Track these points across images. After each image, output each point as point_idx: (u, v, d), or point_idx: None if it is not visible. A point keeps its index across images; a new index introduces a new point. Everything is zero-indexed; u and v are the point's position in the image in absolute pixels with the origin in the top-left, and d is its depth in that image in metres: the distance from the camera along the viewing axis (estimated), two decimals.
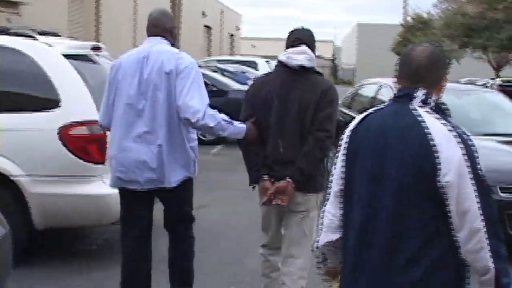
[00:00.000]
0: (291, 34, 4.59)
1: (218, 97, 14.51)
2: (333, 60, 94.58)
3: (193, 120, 4.34)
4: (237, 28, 69.95)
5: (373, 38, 69.31)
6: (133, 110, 4.47)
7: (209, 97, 4.52)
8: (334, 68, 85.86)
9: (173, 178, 4.54)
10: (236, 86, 16.59)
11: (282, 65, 4.49)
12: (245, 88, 17.98)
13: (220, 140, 14.80)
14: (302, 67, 4.42)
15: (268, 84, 4.49)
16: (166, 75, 4.41)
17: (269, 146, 4.43)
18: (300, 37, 4.52)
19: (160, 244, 5.42)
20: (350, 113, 9.29)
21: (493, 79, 38.22)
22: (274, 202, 4.37)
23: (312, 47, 4.53)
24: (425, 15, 52.52)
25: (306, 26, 4.73)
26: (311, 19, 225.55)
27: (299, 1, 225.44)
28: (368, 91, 9.91)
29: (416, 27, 52.10)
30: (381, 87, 8.97)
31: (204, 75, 5.50)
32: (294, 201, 4.41)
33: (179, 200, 4.75)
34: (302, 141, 4.36)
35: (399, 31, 50.29)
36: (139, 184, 4.52)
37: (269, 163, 4.42)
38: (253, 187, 4.62)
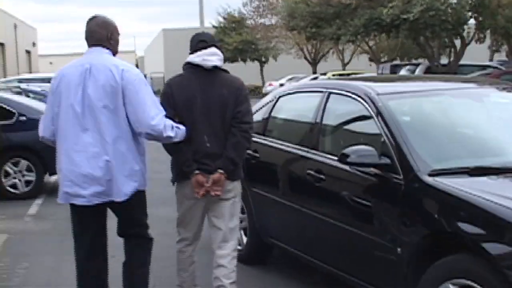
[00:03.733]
0: (194, 38, 5.04)
1: (28, 130, 10.50)
2: None
3: (156, 134, 4.52)
4: (34, 44, 68.22)
5: (180, 43, 67.12)
6: (78, 124, 4.48)
7: (16, 131, 5.18)
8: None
9: (124, 191, 4.56)
10: None
11: (195, 67, 4.90)
12: None
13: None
14: (215, 67, 4.89)
15: (188, 85, 4.89)
16: (112, 88, 4.45)
17: (196, 142, 4.84)
18: (205, 39, 4.97)
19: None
20: (275, 144, 6.34)
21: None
22: (212, 193, 4.83)
23: (218, 47, 5.01)
24: (236, 15, 51.85)
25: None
26: None
27: (93, 13, 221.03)
28: (300, 105, 6.34)
29: (230, 28, 51.37)
30: (330, 94, 5.48)
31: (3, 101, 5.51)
32: (224, 189, 4.90)
33: (132, 211, 4.79)
34: (225, 134, 4.86)
35: (212, 33, 47.34)
36: (85, 199, 4.55)
37: (198, 158, 4.82)
38: (173, 183, 5.10)
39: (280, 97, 6.52)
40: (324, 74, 38.50)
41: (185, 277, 5.18)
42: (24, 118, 10.87)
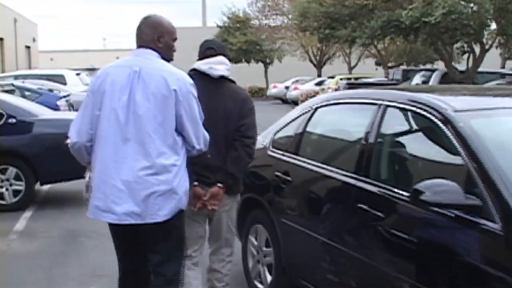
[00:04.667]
0: (204, 44, 4.90)
1: (18, 134, 9.71)
2: None
3: (204, 149, 4.28)
4: (34, 40, 66.69)
5: (184, 42, 67.33)
6: (120, 132, 4.02)
7: (4, 134, 4.64)
8: None
9: (162, 211, 4.04)
10: (45, 113, 10.88)
11: (201, 74, 4.71)
12: (59, 114, 11.97)
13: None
14: (222, 77, 4.75)
15: None
16: (164, 98, 4.01)
17: None
18: (213, 47, 4.83)
19: None
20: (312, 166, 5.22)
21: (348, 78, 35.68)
22: (209, 207, 4.68)
23: (227, 56, 4.89)
24: (241, 15, 51.05)
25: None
26: (111, 28, 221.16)
27: (96, 9, 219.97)
28: (346, 119, 5.25)
29: (234, 27, 50.51)
30: (387, 108, 4.35)
31: None
32: (221, 203, 4.76)
33: (167, 236, 4.17)
34: (227, 147, 4.70)
35: (215, 33, 47.29)
36: (116, 217, 4.03)
37: (197, 169, 4.52)
38: None
39: (317, 108, 5.37)
40: (332, 77, 37.45)
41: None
42: (13, 120, 9.73)
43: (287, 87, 41.66)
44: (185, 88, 4.04)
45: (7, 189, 9.58)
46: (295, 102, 33.53)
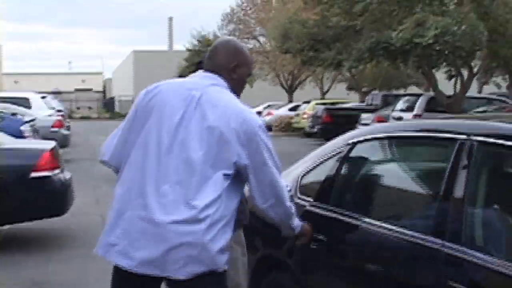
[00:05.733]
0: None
1: None
2: (104, 92, 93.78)
3: (261, 207, 3.46)
4: None
5: (151, 65, 68.42)
6: (157, 161, 3.37)
7: None
8: (109, 101, 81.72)
9: (189, 269, 3.26)
10: (6, 141, 9.38)
11: None
12: (23, 143, 10.47)
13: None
14: None
15: None
16: (222, 136, 3.33)
17: None
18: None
19: None
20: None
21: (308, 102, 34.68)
22: None
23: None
24: (211, 38, 50.29)
25: None
26: (76, 52, 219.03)
27: (62, 33, 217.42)
28: (408, 159, 4.02)
29: (204, 51, 49.61)
30: (474, 144, 3.09)
31: None
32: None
33: None
34: None
35: (184, 56, 46.96)
36: (133, 263, 3.30)
37: None
38: None
39: (355, 144, 4.15)
40: (308, 102, 36.42)
41: None
42: None
43: (259, 113, 40.60)
44: (253, 129, 3.36)
45: None
46: (269, 128, 32.50)
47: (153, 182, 3.36)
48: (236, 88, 3.59)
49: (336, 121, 26.51)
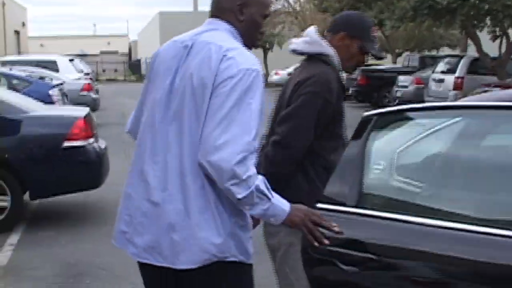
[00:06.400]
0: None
1: (0, 135, 7.77)
2: (129, 54, 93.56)
3: (211, 173, 2.74)
4: (23, 25, 65.31)
5: (177, 27, 66.90)
6: (150, 130, 2.99)
7: None
8: (135, 63, 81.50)
9: (184, 256, 2.84)
10: (36, 108, 8.75)
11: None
12: (53, 109, 9.84)
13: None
14: (299, 53, 3.63)
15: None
16: (202, 82, 2.81)
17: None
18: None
19: None
20: None
21: None
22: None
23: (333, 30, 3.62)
24: None
25: None
26: (101, 15, 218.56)
27: None
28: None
29: None
30: None
31: None
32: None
33: None
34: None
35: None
36: (135, 250, 2.97)
37: None
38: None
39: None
40: None
41: None
42: None
43: (289, 74, 39.90)
44: (231, 71, 2.76)
45: None
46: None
47: (150, 158, 2.98)
48: (248, 33, 3.01)
49: (372, 84, 25.68)
